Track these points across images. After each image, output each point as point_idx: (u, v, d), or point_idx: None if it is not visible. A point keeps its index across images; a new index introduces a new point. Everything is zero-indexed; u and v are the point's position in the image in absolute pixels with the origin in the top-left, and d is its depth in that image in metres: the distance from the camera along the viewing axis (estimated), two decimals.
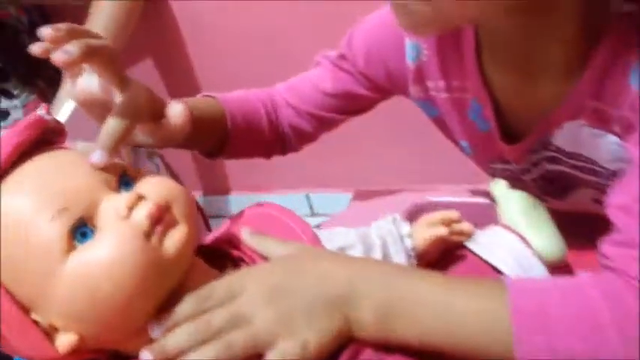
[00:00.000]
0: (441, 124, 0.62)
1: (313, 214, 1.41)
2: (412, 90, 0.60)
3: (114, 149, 0.41)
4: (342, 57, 0.64)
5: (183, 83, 1.25)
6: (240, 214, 0.51)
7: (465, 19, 0.46)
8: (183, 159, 1.33)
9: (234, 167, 1.37)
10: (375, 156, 1.24)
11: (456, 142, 0.63)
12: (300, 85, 0.66)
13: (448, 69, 0.56)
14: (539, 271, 0.49)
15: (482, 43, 0.53)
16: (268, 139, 0.66)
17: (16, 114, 1.11)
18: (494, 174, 0.62)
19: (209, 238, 0.49)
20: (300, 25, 1.11)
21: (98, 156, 0.40)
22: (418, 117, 0.64)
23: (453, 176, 0.92)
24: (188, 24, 1.18)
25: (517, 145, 0.55)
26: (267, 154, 0.69)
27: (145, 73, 1.24)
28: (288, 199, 1.36)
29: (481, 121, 0.57)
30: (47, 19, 1.18)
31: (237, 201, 1.41)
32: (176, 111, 0.48)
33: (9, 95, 1.09)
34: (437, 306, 0.39)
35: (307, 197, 1.39)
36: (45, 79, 1.10)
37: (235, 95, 0.64)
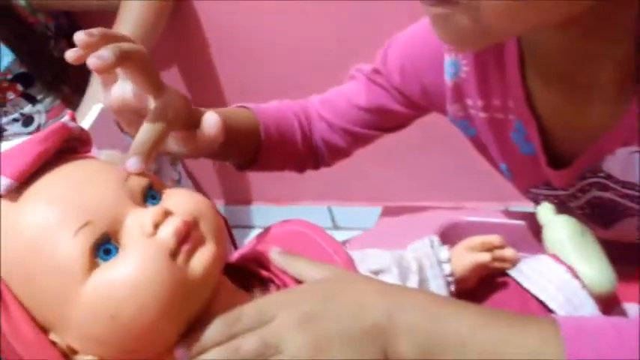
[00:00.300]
0: (479, 144, 0.59)
1: (336, 227, 1.39)
2: (450, 108, 0.57)
3: (148, 156, 0.39)
4: (377, 71, 0.62)
5: (207, 89, 1.24)
6: (267, 231, 0.48)
7: (512, 32, 0.43)
8: (206, 167, 1.31)
9: (256, 177, 1.36)
10: (397, 170, 1.22)
11: (494, 165, 0.60)
12: (334, 99, 0.64)
13: (489, 87, 0.54)
14: (589, 307, 0.45)
15: (526, 60, 0.50)
16: (301, 152, 0.64)
17: (39, 119, 1.11)
18: (535, 199, 0.58)
19: (234, 256, 0.46)
20: (327, 34, 1.09)
21: (134, 163, 0.39)
22: (446, 132, 0.61)
23: (482, 194, 0.89)
24: (213, 30, 1.17)
25: (565, 170, 0.52)
26: (300, 168, 0.67)
27: (170, 79, 1.24)
28: (310, 211, 1.34)
29: (524, 144, 0.54)
30: (74, 25, 1.18)
31: (259, 211, 1.39)
32: (211, 121, 0.46)
33: (33, 100, 1.09)
34: (483, 345, 0.36)
35: (329, 210, 1.37)
36: (70, 86, 1.10)
37: (270, 107, 0.62)
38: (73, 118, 0.40)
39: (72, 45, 0.88)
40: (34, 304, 0.36)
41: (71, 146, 0.40)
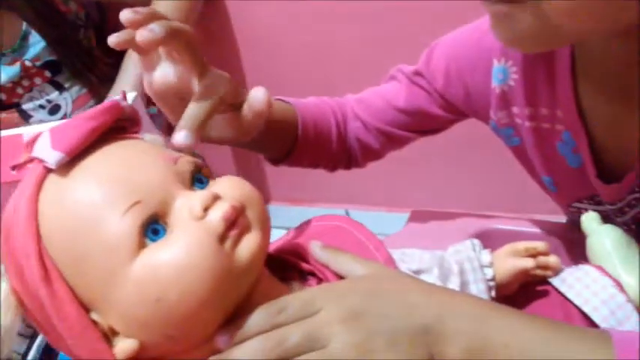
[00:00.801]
0: (521, 154, 0.58)
1: None
2: (494, 115, 0.56)
3: (196, 131, 0.39)
4: (419, 73, 0.61)
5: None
6: (307, 224, 0.48)
7: (576, 34, 0.42)
8: (224, 164, 1.31)
9: (274, 178, 1.35)
10: (416, 176, 1.21)
11: (536, 177, 0.59)
12: (372, 99, 0.64)
13: (537, 96, 0.53)
14: (633, 321, 0.44)
15: (579, 70, 0.49)
16: (335, 151, 0.63)
17: (66, 107, 1.11)
18: (577, 214, 0.57)
19: (270, 247, 0.46)
20: (359, 36, 1.09)
21: (183, 136, 0.38)
22: (466, 139, 0.60)
23: (511, 204, 0.88)
24: (243, 29, 1.17)
25: (615, 184, 0.50)
26: (332, 166, 0.66)
27: None
28: (325, 213, 1.33)
29: (572, 156, 0.52)
30: (103, 16, 1.18)
31: (276, 211, 1.38)
32: (259, 94, 0.45)
33: (60, 88, 1.10)
34: (531, 352, 0.35)
35: (347, 213, 1.36)
36: (97, 75, 1.10)
37: (309, 102, 0.62)
38: (125, 97, 0.39)
39: (100, 35, 0.88)
40: (79, 281, 0.35)
41: (121, 125, 0.40)
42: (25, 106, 1.08)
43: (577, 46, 0.48)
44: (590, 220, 0.50)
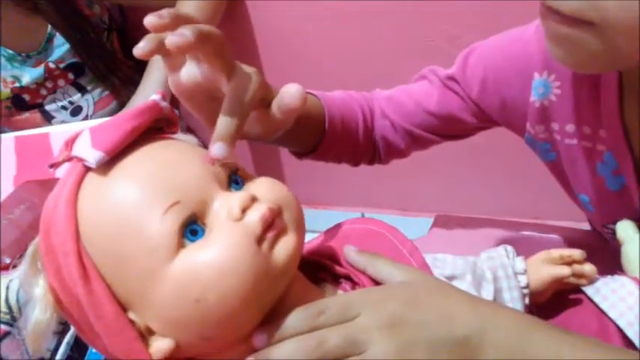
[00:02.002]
0: (557, 170, 0.57)
1: None
2: (532, 129, 0.56)
3: (233, 141, 0.38)
4: (453, 79, 0.60)
5: None
6: (339, 227, 0.47)
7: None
8: (243, 165, 1.31)
9: (292, 179, 1.35)
10: (436, 180, 1.20)
11: (571, 193, 0.58)
12: (402, 99, 0.63)
13: (580, 114, 0.51)
14: None
15: (626, 90, 0.48)
16: (361, 147, 0.63)
17: (88, 109, 1.12)
18: (609, 234, 0.56)
19: (307, 252, 0.45)
20: (378, 38, 1.08)
21: (219, 149, 0.37)
22: (476, 144, 0.59)
23: (535, 211, 0.87)
24: (264, 31, 1.17)
25: None
26: (356, 161, 0.65)
27: None
28: (342, 217, 1.32)
29: (612, 178, 0.51)
30: (126, 19, 1.19)
31: None
32: (293, 90, 0.44)
33: (83, 90, 1.11)
34: None
35: (362, 216, 1.36)
36: (120, 77, 1.11)
37: (336, 97, 0.61)
38: (164, 98, 0.39)
39: (122, 38, 0.87)
40: (117, 280, 0.35)
41: (159, 126, 0.40)
42: (47, 107, 1.10)
43: (625, 71, 0.47)
44: (625, 228, 0.49)
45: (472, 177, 1.13)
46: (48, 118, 1.10)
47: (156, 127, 0.39)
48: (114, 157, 0.36)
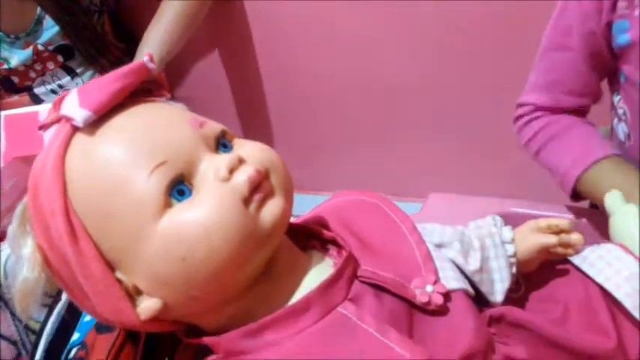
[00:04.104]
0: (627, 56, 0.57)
1: None
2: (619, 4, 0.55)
3: None
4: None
5: (246, 76, 1.24)
6: (332, 199, 0.48)
7: None
8: None
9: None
10: (429, 165, 1.20)
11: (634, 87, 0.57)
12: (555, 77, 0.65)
13: None
14: None
15: None
16: None
17: None
18: None
19: (297, 220, 0.45)
20: (369, 28, 1.08)
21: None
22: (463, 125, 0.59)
23: (527, 193, 0.87)
24: (257, 18, 1.17)
25: None
26: None
27: (211, 64, 1.24)
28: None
29: None
30: (119, 1, 1.18)
31: None
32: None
33: (72, 73, 1.10)
34: None
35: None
36: (110, 60, 1.10)
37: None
38: (152, 60, 0.39)
39: (114, 21, 0.86)
40: (105, 239, 0.35)
41: (147, 88, 0.39)
42: (36, 90, 1.09)
43: None
44: (614, 199, 0.49)
45: (465, 162, 1.13)
46: (37, 102, 1.09)
47: (145, 90, 0.39)
48: (102, 118, 0.36)
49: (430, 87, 1.10)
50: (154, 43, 0.96)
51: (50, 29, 1.04)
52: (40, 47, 1.04)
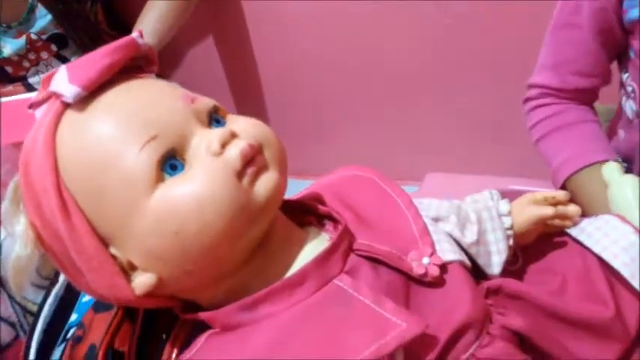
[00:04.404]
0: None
1: None
2: None
3: None
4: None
5: (240, 63, 1.23)
6: (329, 175, 0.47)
7: None
8: None
9: None
10: (424, 149, 1.20)
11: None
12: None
13: None
14: None
15: None
16: None
17: None
18: None
19: (294, 197, 0.45)
20: (369, 34, 1.08)
21: None
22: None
23: (525, 173, 0.87)
24: (252, 5, 1.16)
25: None
26: None
27: (205, 51, 1.23)
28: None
29: None
30: None
31: None
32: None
33: (66, 62, 1.09)
34: None
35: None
36: None
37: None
38: (142, 35, 0.39)
39: (107, 10, 0.85)
40: (98, 215, 0.35)
41: (138, 64, 0.39)
42: (31, 80, 1.08)
43: None
44: (611, 171, 0.49)
45: (463, 144, 1.13)
46: (31, 91, 1.09)
47: (135, 66, 0.39)
48: (92, 94, 0.36)
49: (427, 69, 1.09)
50: (147, 31, 0.96)
51: (43, 18, 1.03)
52: (33, 36, 1.03)
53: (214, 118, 0.38)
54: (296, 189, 0.47)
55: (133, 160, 0.34)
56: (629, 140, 0.65)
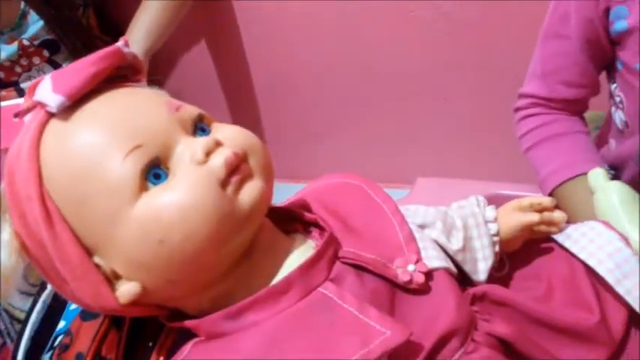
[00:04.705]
0: (626, 40, 0.56)
1: None
2: None
3: None
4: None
5: (233, 66, 1.24)
6: (316, 182, 0.47)
7: None
8: None
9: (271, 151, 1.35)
10: (416, 153, 1.20)
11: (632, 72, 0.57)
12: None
13: None
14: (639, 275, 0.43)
15: None
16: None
17: None
18: None
19: (280, 204, 0.45)
20: (362, 34, 1.08)
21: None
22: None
23: (514, 175, 0.87)
24: (249, 25, 1.17)
25: None
26: None
27: (197, 54, 1.23)
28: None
29: None
30: None
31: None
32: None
33: (58, 67, 1.09)
34: None
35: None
36: None
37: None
38: (127, 44, 0.39)
39: (99, 15, 0.84)
40: (82, 224, 0.35)
41: (123, 74, 0.39)
42: (23, 85, 1.08)
43: None
44: (597, 176, 0.49)
45: (452, 148, 1.13)
46: (23, 96, 1.09)
47: (121, 75, 0.39)
48: (77, 103, 0.36)
49: (418, 73, 1.09)
50: (139, 36, 0.96)
51: (35, 24, 1.03)
52: (25, 42, 1.03)
53: (199, 127, 0.38)
54: (287, 192, 0.48)
55: (117, 169, 0.34)
56: (620, 150, 0.65)
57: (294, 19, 1.13)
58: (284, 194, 0.46)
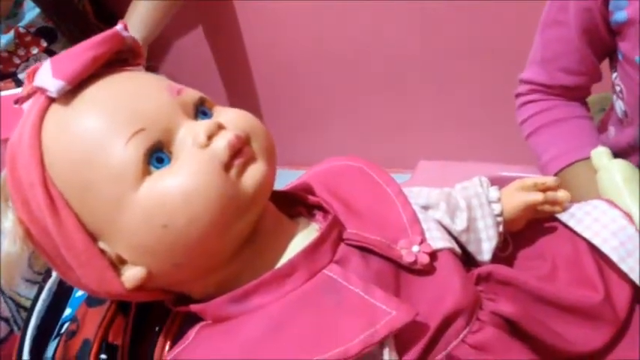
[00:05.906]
0: (625, 32, 0.56)
1: None
2: None
3: None
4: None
5: (231, 53, 1.23)
6: (319, 165, 0.47)
7: None
8: None
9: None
10: (418, 139, 1.20)
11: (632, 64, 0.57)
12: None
13: None
14: None
15: None
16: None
17: None
18: None
19: (284, 188, 0.45)
20: (362, 32, 1.07)
21: None
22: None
23: (516, 157, 0.87)
24: (250, 24, 1.16)
25: None
26: None
27: (195, 42, 1.22)
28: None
29: None
30: None
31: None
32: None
33: None
34: None
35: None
36: None
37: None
38: (126, 28, 0.39)
39: (94, 2, 0.83)
40: (85, 209, 0.35)
41: (123, 58, 0.39)
42: (21, 76, 1.07)
43: None
44: (600, 155, 0.49)
45: (454, 131, 1.13)
46: (21, 87, 1.08)
47: (121, 59, 0.39)
48: (77, 88, 0.36)
49: (418, 56, 1.09)
50: (137, 23, 0.95)
51: (31, 11, 1.02)
52: (21, 30, 1.02)
53: (201, 110, 0.38)
54: (288, 179, 0.48)
55: (119, 154, 0.34)
56: (619, 138, 0.65)
57: (292, 7, 1.12)
58: (284, 181, 0.46)
